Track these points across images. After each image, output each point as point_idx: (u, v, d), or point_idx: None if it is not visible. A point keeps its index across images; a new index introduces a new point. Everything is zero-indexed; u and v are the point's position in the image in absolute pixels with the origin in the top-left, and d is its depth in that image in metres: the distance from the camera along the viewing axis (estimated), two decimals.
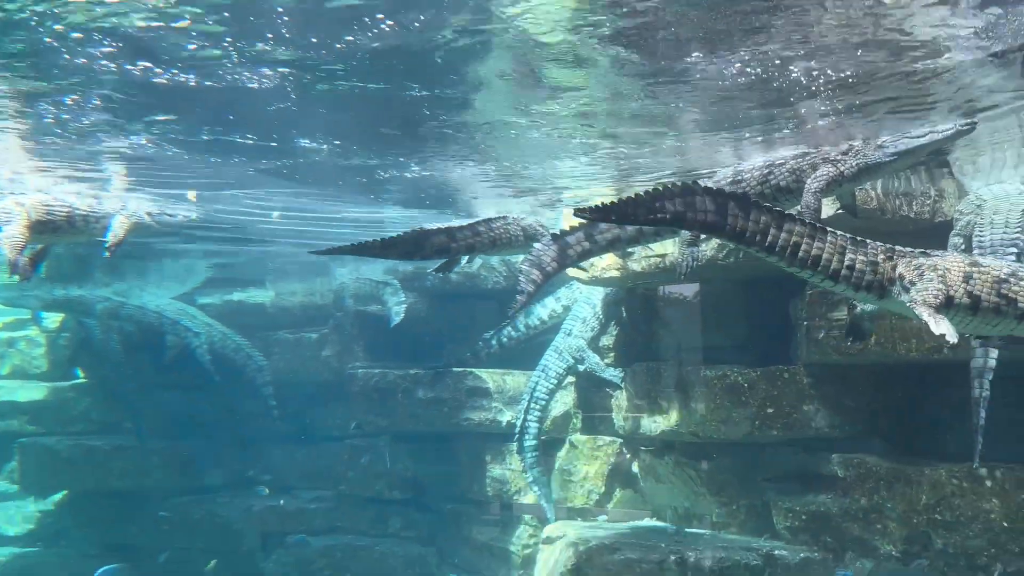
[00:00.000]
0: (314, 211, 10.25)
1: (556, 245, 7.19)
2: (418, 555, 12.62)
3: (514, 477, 11.50)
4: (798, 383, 8.69)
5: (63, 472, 14.82)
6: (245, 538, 14.21)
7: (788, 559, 8.54)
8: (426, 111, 6.74)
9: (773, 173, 6.68)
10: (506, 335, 11.93)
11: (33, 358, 16.51)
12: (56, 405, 15.86)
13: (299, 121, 6.86)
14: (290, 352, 14.62)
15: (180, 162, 7.87)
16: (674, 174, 9.04)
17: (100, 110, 6.48)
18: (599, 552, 8.99)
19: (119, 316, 14.45)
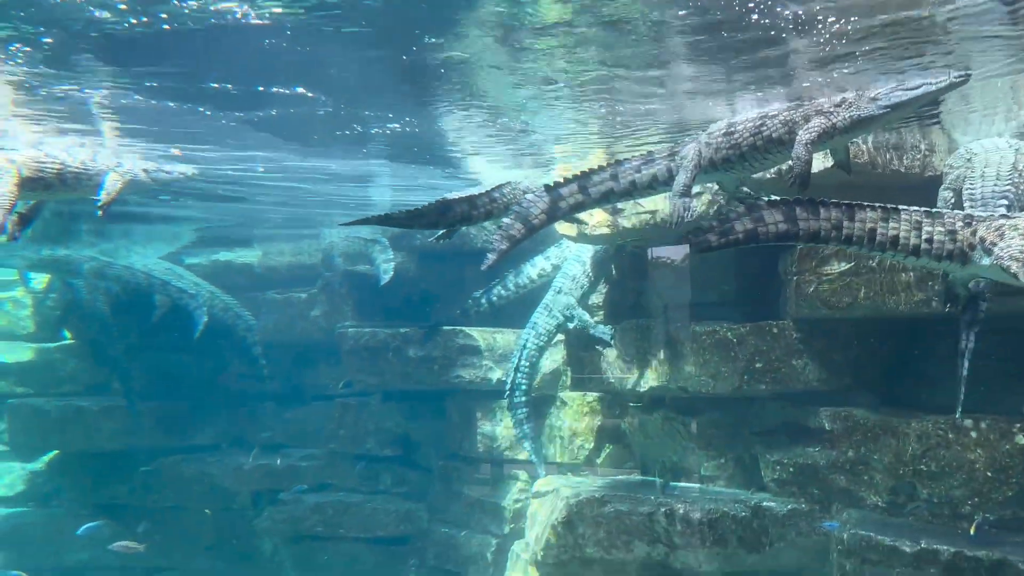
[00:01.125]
0: (299, 166, 10.07)
1: (548, 197, 7.10)
2: (408, 511, 12.66)
3: (504, 434, 11.52)
4: (787, 338, 8.70)
5: (53, 433, 14.76)
6: (236, 496, 14.22)
7: (776, 510, 8.62)
8: (415, 52, 6.54)
9: (766, 124, 6.59)
10: (496, 294, 11.86)
11: (20, 319, 16.33)
12: (43, 366, 15.77)
13: (292, 67, 6.70)
14: (279, 312, 14.51)
15: (169, 114, 7.67)
16: (668, 130, 8.93)
17: (85, 57, 6.29)
18: (589, 505, 9.04)
19: (106, 276, 14.27)
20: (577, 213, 7.44)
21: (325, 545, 12.88)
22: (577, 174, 7.14)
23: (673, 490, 9.29)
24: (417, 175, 11.19)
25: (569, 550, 9.11)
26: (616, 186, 7.06)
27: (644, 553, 8.85)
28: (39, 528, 15.04)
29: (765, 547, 8.58)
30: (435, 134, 9.05)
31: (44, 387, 15.61)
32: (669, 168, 6.91)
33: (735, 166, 6.72)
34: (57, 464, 15.45)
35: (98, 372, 15.58)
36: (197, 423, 15.00)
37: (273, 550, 13.67)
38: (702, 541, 8.54)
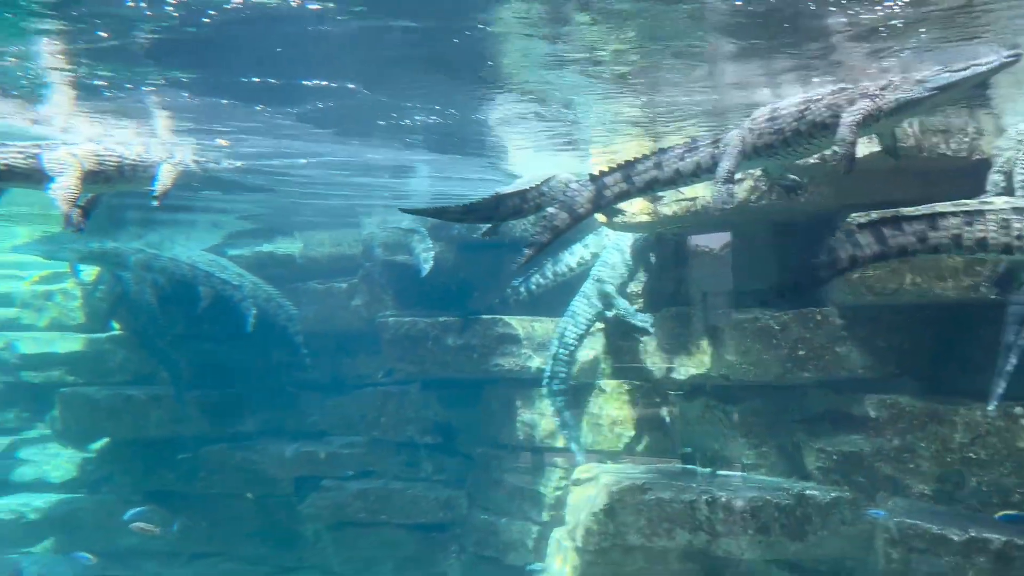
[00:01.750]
0: (340, 158, 10.09)
1: (592, 186, 7.05)
2: (449, 498, 12.70)
3: (544, 422, 11.48)
4: (831, 324, 8.55)
5: (103, 421, 15.02)
6: (279, 483, 14.36)
7: (819, 498, 8.48)
8: (457, 38, 6.48)
9: (809, 109, 6.45)
10: (534, 282, 11.82)
11: (70, 310, 16.65)
12: (93, 356, 16.04)
13: (334, 58, 6.69)
14: (320, 302, 14.60)
15: (216, 108, 7.73)
16: (710, 116, 8.78)
17: (143, 54, 6.34)
18: (631, 492, 8.98)
19: (152, 268, 14.46)
20: (621, 202, 7.38)
21: (367, 531, 12.96)
22: (621, 163, 7.07)
23: (715, 478, 9.18)
24: (456, 166, 11.17)
25: (610, 537, 9.06)
26: (660, 174, 6.97)
27: (686, 541, 8.77)
28: (90, 513, 15.34)
29: (808, 535, 8.45)
30: (474, 124, 9.01)
31: (94, 376, 15.87)
32: (713, 155, 6.80)
33: (779, 152, 6.60)
34: (107, 451, 15.73)
35: (146, 362, 15.79)
36: (241, 412, 15.16)
37: (316, 536, 13.78)
38: (744, 529, 8.44)
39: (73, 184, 6.50)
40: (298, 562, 14.07)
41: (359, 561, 13.11)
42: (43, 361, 16.17)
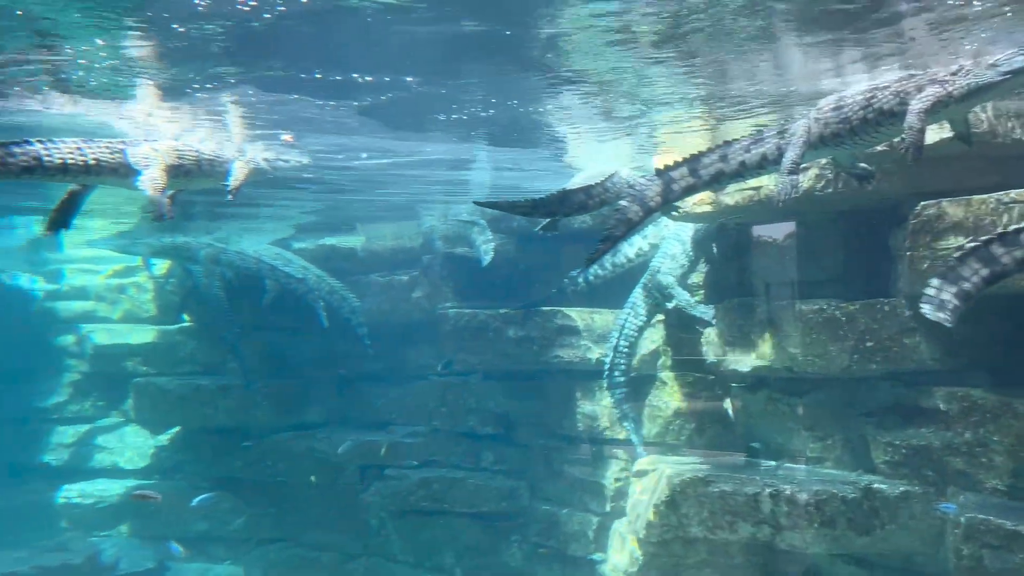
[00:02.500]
0: (400, 152, 10.15)
1: (660, 180, 7.02)
2: (511, 488, 12.73)
3: (604, 413, 11.43)
4: (899, 316, 8.32)
5: (175, 410, 15.44)
6: (343, 471, 14.56)
7: (887, 492, 8.28)
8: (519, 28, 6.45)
9: (876, 96, 6.28)
10: (592, 273, 11.75)
11: (142, 303, 17.15)
12: (165, 347, 16.50)
13: (396, 51, 6.73)
14: (382, 294, 14.77)
15: (283, 105, 7.85)
16: (775, 105, 8.61)
17: (217, 51, 6.47)
18: (692, 484, 8.89)
19: (220, 262, 14.79)
20: (689, 196, 7.33)
21: (429, 519, 13.07)
22: (687, 157, 7.04)
23: (780, 471, 9.03)
24: (515, 158, 11.16)
25: (672, 529, 8.99)
26: (726, 167, 6.89)
27: (749, 533, 8.65)
28: (164, 499, 15.71)
29: (876, 529, 8.26)
30: (535, 115, 8.99)
31: (165, 367, 16.33)
32: (779, 147, 6.69)
33: (845, 141, 6.45)
34: (179, 439, 16.17)
35: (215, 353, 16.18)
36: (306, 402, 15.43)
37: (380, 523, 13.97)
38: (809, 522, 8.29)
39: (159, 175, 6.69)
40: (362, 549, 14.28)
41: (422, 549, 13.24)
42: (117, 352, 16.71)
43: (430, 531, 13.17)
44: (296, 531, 15.10)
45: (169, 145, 7.06)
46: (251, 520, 15.49)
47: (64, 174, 6.38)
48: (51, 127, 8.64)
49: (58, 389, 17.29)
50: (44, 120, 8.47)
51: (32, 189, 9.45)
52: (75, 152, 6.39)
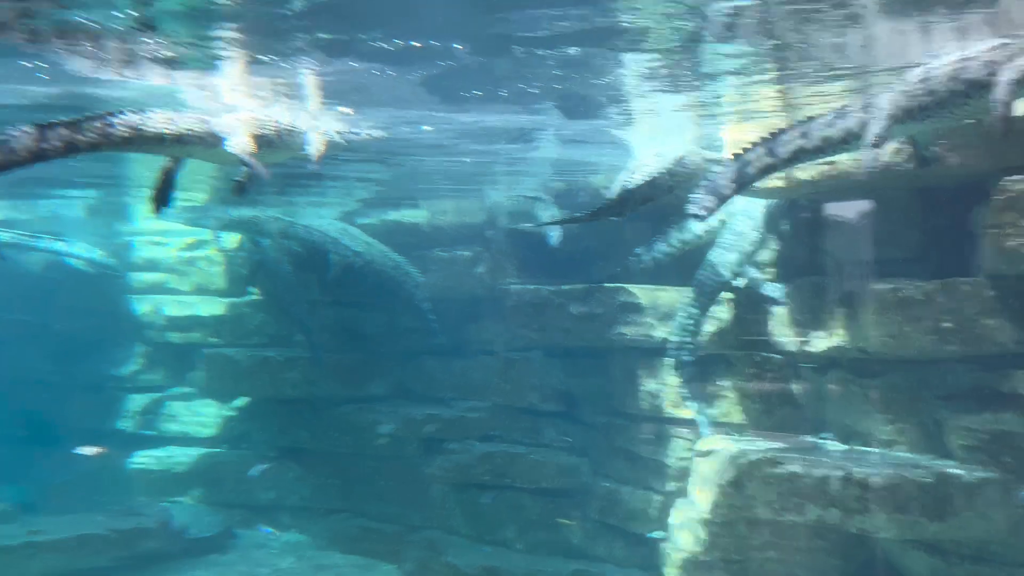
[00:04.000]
0: (466, 125, 10.08)
1: (735, 164, 6.90)
2: (572, 464, 12.70)
3: (668, 392, 11.29)
4: (981, 296, 8.02)
5: (243, 380, 15.78)
6: (406, 444, 14.71)
7: (963, 478, 8.02)
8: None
9: (965, 67, 6.03)
10: (659, 250, 11.57)
11: (212, 276, 17.51)
12: (233, 319, 16.86)
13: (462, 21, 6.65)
14: (445, 269, 14.79)
15: (354, 76, 7.85)
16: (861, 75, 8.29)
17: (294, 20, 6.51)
18: (759, 465, 8.74)
19: (289, 235, 15.00)
20: (769, 175, 7.18)
21: (491, 494, 13.13)
22: (766, 136, 6.91)
23: (851, 454, 8.82)
24: (582, 131, 10.99)
25: (737, 510, 8.87)
26: (807, 143, 6.74)
27: (816, 516, 8.47)
28: (232, 467, 16.17)
29: (950, 516, 8.01)
30: (604, 89, 8.83)
31: (234, 338, 16.68)
32: (863, 121, 6.50)
33: (932, 114, 6.23)
34: (246, 409, 16.53)
35: (282, 325, 16.46)
36: (371, 374, 15.61)
37: (442, 496, 14.08)
38: (881, 507, 8.08)
39: (247, 141, 6.84)
40: (424, 521, 14.40)
41: (483, 522, 13.31)
42: (187, 323, 17.12)
43: (491, 505, 13.21)
44: (359, 503, 15.33)
45: (250, 116, 7.20)
46: (316, 490, 15.77)
47: (159, 144, 6.52)
48: (130, 100, 8.82)
49: (131, 359, 17.79)
50: (122, 93, 8.63)
51: (93, 161, 9.65)
52: (168, 123, 6.52)
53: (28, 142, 5.76)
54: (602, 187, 12.31)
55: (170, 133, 6.51)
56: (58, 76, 8.07)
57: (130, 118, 6.29)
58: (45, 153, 5.84)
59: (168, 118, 6.53)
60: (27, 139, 5.76)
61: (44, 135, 5.84)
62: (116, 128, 6.20)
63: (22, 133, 5.74)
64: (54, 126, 5.93)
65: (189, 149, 6.80)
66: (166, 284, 17.73)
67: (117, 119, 6.22)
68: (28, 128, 5.81)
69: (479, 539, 13.43)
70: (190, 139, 6.66)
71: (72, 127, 5.99)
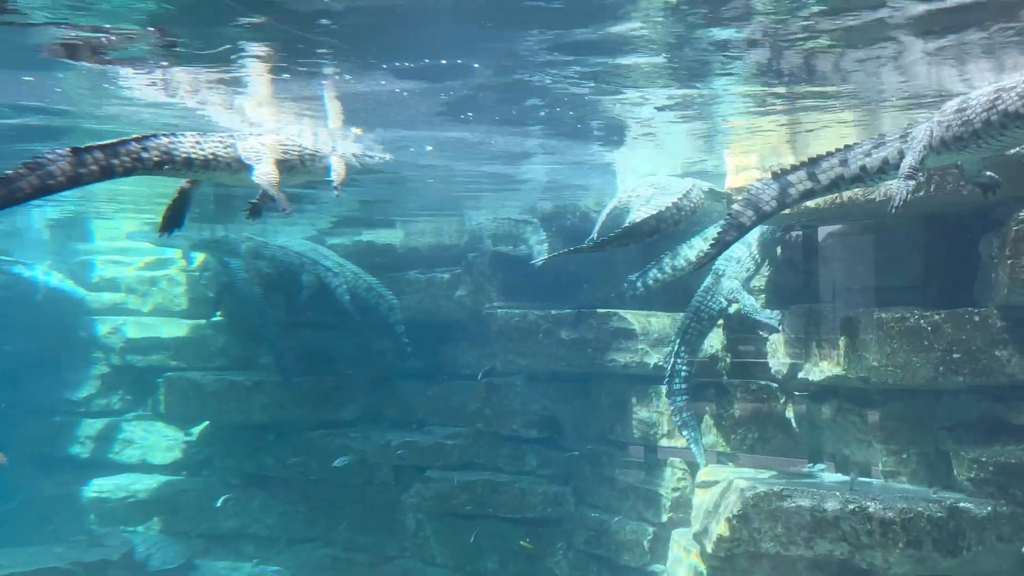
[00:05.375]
0: (466, 145, 9.72)
1: (777, 184, 6.71)
2: (556, 493, 12.32)
3: (661, 419, 11.00)
4: (990, 326, 7.89)
5: (208, 405, 15.10)
6: (378, 471, 14.20)
7: (974, 512, 7.84)
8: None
9: (1001, 98, 5.87)
10: (652, 276, 11.31)
11: (174, 296, 16.79)
12: (196, 341, 16.17)
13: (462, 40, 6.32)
14: (422, 292, 14.35)
15: (370, 98, 7.48)
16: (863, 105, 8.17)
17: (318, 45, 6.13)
18: (767, 499, 8.46)
19: (261, 256, 14.41)
20: (806, 201, 7.02)
21: (471, 523, 12.67)
22: (805, 160, 6.74)
23: (858, 486, 8.59)
24: (576, 155, 10.71)
25: (743, 544, 8.57)
26: (846, 171, 6.59)
27: (825, 551, 8.22)
28: (194, 495, 15.47)
29: (962, 551, 7.83)
30: (600, 112, 8.57)
31: (197, 361, 16.02)
32: (901, 151, 6.34)
33: (968, 145, 6.05)
34: (209, 434, 15.82)
35: (247, 348, 15.88)
36: (341, 399, 15.06)
37: (417, 526, 13.58)
38: (895, 542, 7.86)
39: (272, 169, 6.53)
40: (399, 551, 13.90)
41: (463, 553, 12.84)
42: (147, 345, 16.38)
43: (470, 534, 12.75)
44: (329, 531, 14.76)
45: (274, 139, 6.87)
46: (282, 518, 15.16)
47: (188, 169, 6.27)
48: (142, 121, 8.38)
49: (86, 382, 16.94)
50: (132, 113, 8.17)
51: None
52: (195, 147, 6.26)
53: (65, 166, 5.48)
54: (592, 210, 12.05)
55: (198, 158, 6.24)
56: None
57: (161, 142, 6.04)
58: (81, 178, 5.57)
59: (195, 141, 6.27)
60: (64, 163, 5.48)
61: (81, 159, 5.56)
62: (150, 152, 5.95)
63: (58, 156, 5.47)
64: (91, 150, 5.64)
65: (214, 174, 6.50)
66: (126, 304, 16.95)
67: (151, 143, 5.97)
68: (64, 151, 5.52)
69: (458, 570, 12.98)
70: (217, 165, 6.38)
71: (108, 151, 5.71)
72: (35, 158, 5.40)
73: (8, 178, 5.28)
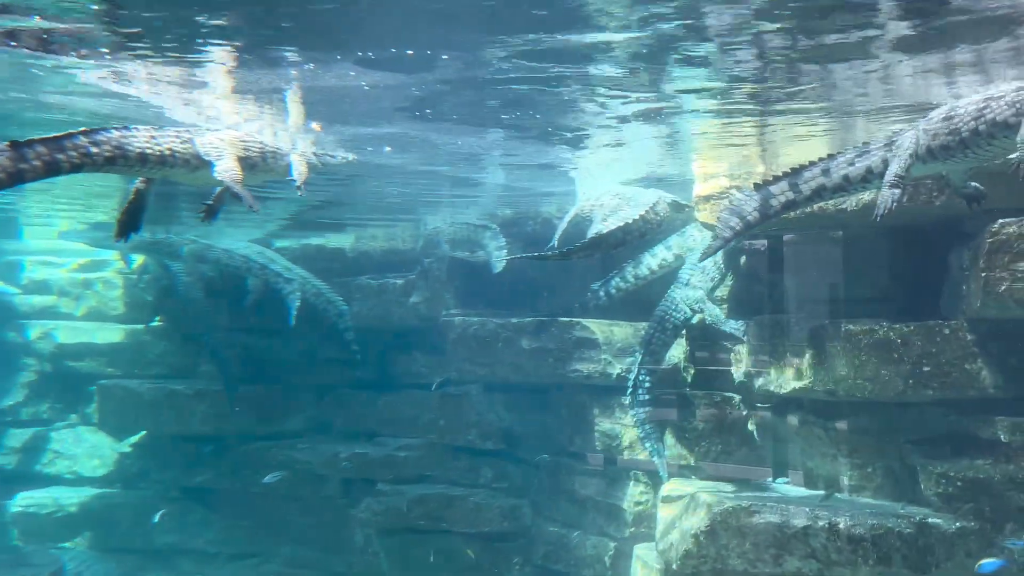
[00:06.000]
0: (432, 146, 9.33)
1: (759, 195, 6.59)
2: (512, 507, 11.97)
3: (623, 431, 10.75)
4: (960, 339, 7.81)
5: (145, 414, 14.41)
6: (326, 483, 13.69)
7: (943, 528, 7.75)
8: None
9: (989, 106, 5.76)
10: (614, 286, 11.06)
11: (110, 300, 16.00)
12: (133, 348, 15.44)
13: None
14: (373, 298, 13.86)
15: (334, 93, 7.04)
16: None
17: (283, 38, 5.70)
18: (736, 514, 8.25)
19: (205, 259, 13.76)
20: (789, 212, 6.89)
21: (424, 538, 12.23)
22: (787, 171, 6.65)
23: (829, 501, 8.43)
24: (533, 160, 10.40)
25: (709, 561, 8.34)
26: (828, 181, 6.46)
27: (794, 568, 8.04)
28: (128, 509, 14.76)
29: (931, 568, 7.73)
30: (563, 115, 8.28)
31: (132, 368, 15.30)
32: (885, 159, 6.22)
33: (955, 154, 5.94)
34: (145, 446, 15.10)
35: (186, 355, 15.23)
36: (287, 409, 14.49)
37: (366, 541, 13.10)
38: (865, 559, 7.72)
39: (235, 166, 6.11)
40: (347, 567, 13.40)
41: (414, 569, 12.38)
42: (80, 351, 15.62)
43: (423, 550, 12.31)
44: (272, 546, 14.19)
45: (233, 135, 6.43)
46: (223, 533, 14.54)
47: (142, 166, 5.81)
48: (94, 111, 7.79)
49: (13, 389, 16.04)
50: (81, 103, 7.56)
51: None
52: (151, 141, 5.81)
53: (4, 162, 4.98)
54: (554, 216, 11.76)
55: (153, 153, 5.78)
56: None
57: (113, 136, 5.54)
58: (23, 175, 5.06)
59: (150, 136, 5.80)
60: (3, 158, 4.98)
61: (21, 154, 5.06)
62: (100, 148, 5.47)
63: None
64: (32, 144, 5.12)
65: (170, 171, 6.05)
66: (57, 308, 16.07)
67: (101, 136, 5.47)
68: (2, 146, 5.03)
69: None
70: (174, 161, 5.94)
71: (52, 145, 5.19)
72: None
73: None
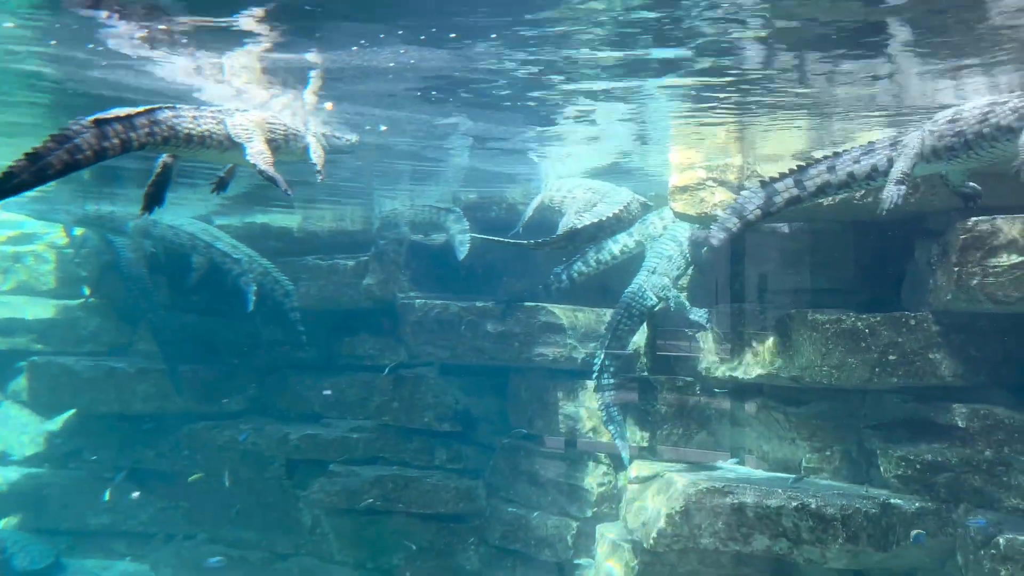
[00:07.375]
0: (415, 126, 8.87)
1: (763, 192, 6.49)
2: (468, 488, 11.66)
3: (584, 414, 10.58)
4: (926, 330, 7.91)
5: (82, 392, 13.50)
6: (270, 464, 13.11)
7: (904, 508, 7.87)
8: None
9: (994, 111, 5.80)
10: (576, 270, 10.86)
11: (41, 274, 14.92)
12: (65, 324, 14.47)
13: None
14: (322, 279, 13.26)
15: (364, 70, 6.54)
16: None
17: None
18: (709, 495, 8.19)
19: (150, 235, 12.88)
20: (792, 208, 6.77)
21: (376, 519, 11.80)
22: (793, 168, 6.57)
23: (801, 484, 8.45)
24: (497, 144, 10.03)
25: (683, 540, 8.28)
26: (833, 178, 6.42)
27: (764, 546, 8.05)
28: (58, 489, 13.87)
29: (892, 545, 7.84)
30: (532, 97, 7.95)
31: (65, 345, 14.33)
32: (890, 158, 6.24)
33: (959, 155, 5.97)
34: (76, 425, 14.14)
35: (122, 332, 14.39)
36: (230, 389, 13.79)
37: (314, 521, 12.59)
38: (834, 538, 7.77)
39: (266, 149, 5.79)
40: (293, 548, 12.85)
41: (364, 550, 11.96)
42: (8, 327, 14.52)
43: (374, 530, 11.89)
44: (213, 527, 13.50)
45: (260, 116, 6.07)
46: (160, 514, 13.77)
47: (186, 146, 5.54)
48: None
49: None
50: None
51: None
52: (193, 122, 5.53)
53: (90, 139, 4.78)
54: (519, 202, 11.45)
55: (196, 134, 5.51)
56: None
57: (168, 116, 5.33)
58: (105, 152, 4.86)
59: (193, 116, 5.54)
60: (89, 136, 4.78)
61: (103, 132, 4.86)
62: (160, 127, 5.25)
63: (83, 128, 4.78)
64: (109, 121, 4.92)
65: (205, 152, 5.74)
66: None
67: (160, 115, 5.25)
68: (86, 123, 4.81)
69: (359, 567, 12.09)
70: (211, 143, 5.66)
71: (125, 123, 5.00)
72: (62, 130, 4.70)
73: (36, 153, 4.59)
